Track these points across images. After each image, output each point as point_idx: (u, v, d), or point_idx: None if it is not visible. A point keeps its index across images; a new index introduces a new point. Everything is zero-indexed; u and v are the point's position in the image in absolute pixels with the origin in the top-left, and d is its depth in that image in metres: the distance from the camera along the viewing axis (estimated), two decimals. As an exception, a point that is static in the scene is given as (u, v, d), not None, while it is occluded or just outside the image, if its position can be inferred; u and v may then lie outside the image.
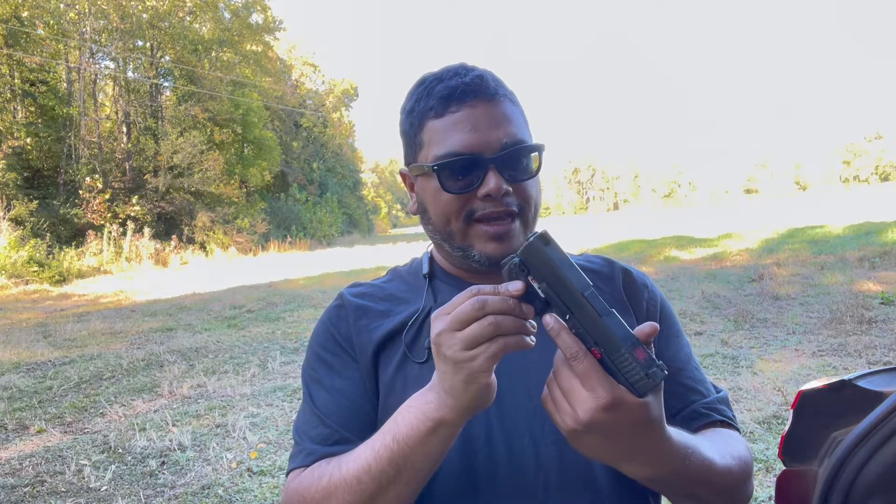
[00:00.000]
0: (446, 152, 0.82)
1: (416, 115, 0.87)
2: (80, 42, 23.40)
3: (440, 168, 0.82)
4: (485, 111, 0.83)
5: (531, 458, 0.80)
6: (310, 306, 9.77)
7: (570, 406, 0.60)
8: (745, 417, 3.84)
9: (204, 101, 26.27)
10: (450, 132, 0.83)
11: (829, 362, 4.89)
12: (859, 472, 0.94)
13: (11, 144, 20.40)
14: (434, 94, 0.85)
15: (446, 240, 0.87)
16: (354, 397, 0.85)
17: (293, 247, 27.69)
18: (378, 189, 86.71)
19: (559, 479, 0.80)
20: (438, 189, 0.84)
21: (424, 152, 0.86)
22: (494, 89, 0.85)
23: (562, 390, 0.61)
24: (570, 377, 0.60)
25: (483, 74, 0.85)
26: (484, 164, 0.81)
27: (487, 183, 0.81)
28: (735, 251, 12.73)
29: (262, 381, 5.50)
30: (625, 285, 0.96)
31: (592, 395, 0.58)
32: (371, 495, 0.70)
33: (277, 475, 3.49)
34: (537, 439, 0.81)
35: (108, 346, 7.44)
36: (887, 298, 6.77)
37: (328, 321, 0.93)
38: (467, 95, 0.83)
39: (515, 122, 0.85)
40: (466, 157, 0.81)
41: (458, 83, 0.83)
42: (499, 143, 0.82)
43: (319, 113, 43.16)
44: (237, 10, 30.64)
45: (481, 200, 0.82)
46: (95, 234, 20.23)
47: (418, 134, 0.87)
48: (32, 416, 4.77)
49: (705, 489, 0.74)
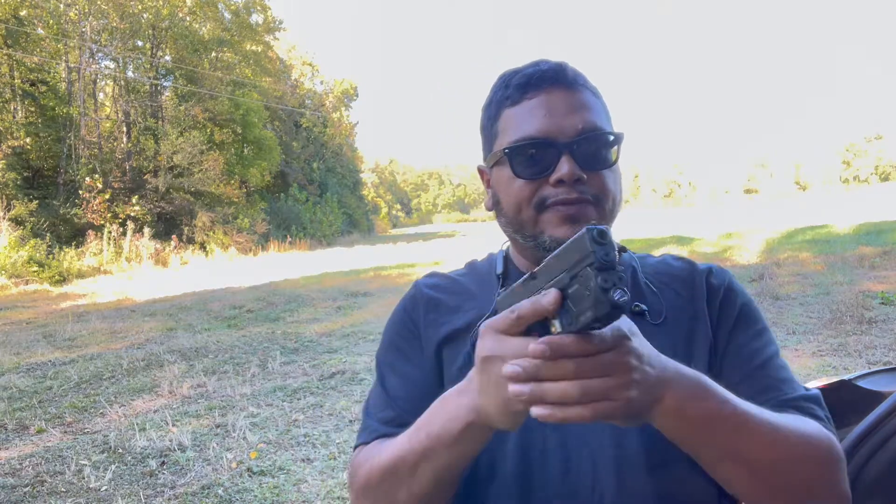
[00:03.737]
0: (519, 137, 0.81)
1: (493, 105, 0.87)
2: (79, 42, 23.40)
3: (512, 152, 0.81)
4: (562, 97, 0.81)
5: (588, 476, 0.77)
6: (310, 306, 9.77)
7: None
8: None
9: (204, 101, 26.26)
10: (525, 118, 0.82)
11: (829, 362, 4.89)
12: (859, 471, 0.94)
13: (11, 144, 20.40)
14: (511, 84, 0.84)
15: (518, 230, 0.84)
16: (422, 384, 0.86)
17: (293, 247, 27.66)
18: (378, 189, 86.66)
19: (615, 500, 0.76)
20: (511, 176, 0.82)
21: (499, 140, 0.85)
22: (574, 78, 0.84)
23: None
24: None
25: (563, 64, 0.85)
26: (558, 149, 0.79)
27: (560, 168, 0.79)
28: (734, 251, 12.73)
29: (262, 381, 5.50)
30: (707, 285, 0.89)
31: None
32: (403, 479, 0.72)
33: (277, 475, 3.49)
34: (595, 453, 0.77)
35: (108, 346, 7.44)
36: (887, 298, 6.77)
37: (403, 310, 0.93)
38: (544, 82, 0.82)
39: (594, 111, 0.83)
40: (540, 141, 0.80)
41: (535, 71, 0.83)
42: (574, 128, 0.80)
43: (319, 113, 43.13)
44: (237, 10, 30.64)
45: (553, 187, 0.80)
46: (95, 234, 20.22)
47: (494, 124, 0.86)
48: (32, 416, 4.76)
49: (746, 447, 0.65)
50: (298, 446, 3.91)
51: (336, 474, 3.46)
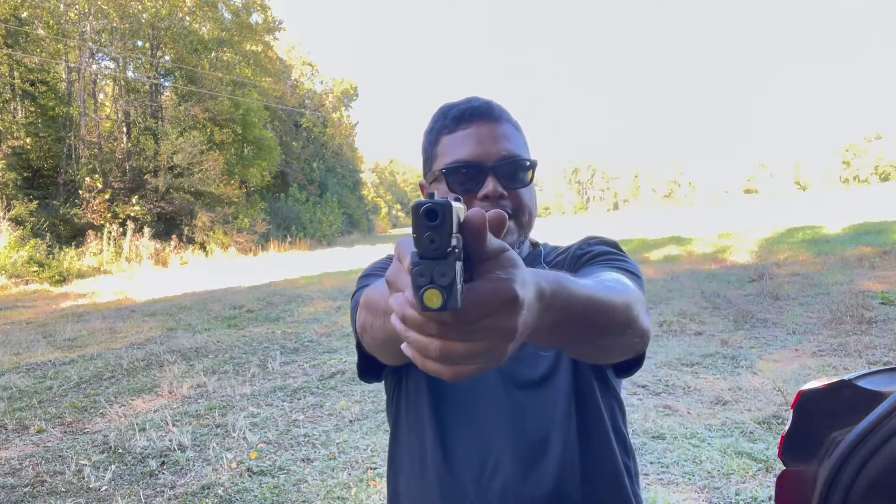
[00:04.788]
0: (454, 160, 1.00)
1: (434, 132, 1.06)
2: (79, 42, 23.40)
3: (448, 172, 1.00)
4: (489, 130, 1.01)
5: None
6: (310, 306, 9.77)
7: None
8: (746, 417, 3.85)
9: (204, 101, 26.26)
10: (459, 144, 1.01)
11: (829, 362, 4.90)
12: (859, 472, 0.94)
13: (11, 144, 20.40)
14: (448, 115, 1.04)
15: None
16: None
17: (293, 247, 27.67)
18: (378, 189, 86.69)
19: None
20: (446, 191, 1.00)
21: (438, 162, 1.04)
22: (499, 114, 1.03)
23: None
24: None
25: (490, 102, 1.04)
26: (485, 171, 0.98)
27: (486, 186, 0.97)
28: (734, 251, 12.73)
29: (262, 381, 5.50)
30: (578, 247, 1.05)
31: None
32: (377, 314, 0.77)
33: (277, 475, 3.49)
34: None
35: (108, 346, 7.44)
36: (887, 298, 6.77)
37: (381, 260, 1.09)
38: (475, 116, 1.01)
39: (514, 141, 1.02)
40: (470, 164, 0.99)
41: (468, 107, 1.02)
42: (498, 155, 0.99)
43: (319, 113, 43.13)
44: (237, 10, 30.64)
45: (480, 201, 0.97)
46: (95, 234, 20.23)
47: (434, 148, 1.06)
48: (32, 416, 4.76)
49: (585, 329, 0.69)
50: (298, 446, 3.91)
51: (336, 474, 3.46)
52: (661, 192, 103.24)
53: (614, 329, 0.74)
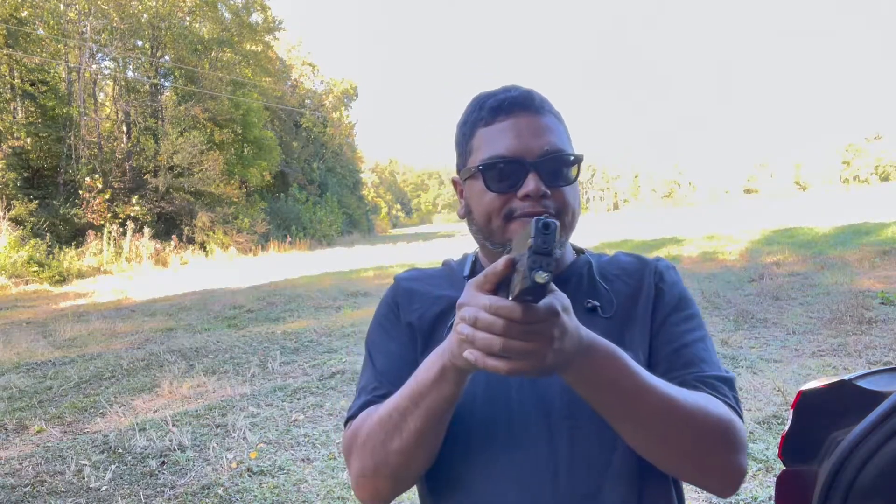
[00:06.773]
0: (491, 155, 0.90)
1: (468, 125, 0.96)
2: (80, 42, 23.40)
3: (485, 168, 0.90)
4: (529, 122, 0.91)
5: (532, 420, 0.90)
6: (310, 306, 9.77)
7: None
8: (746, 417, 3.84)
9: (204, 101, 26.25)
10: (496, 138, 0.91)
11: (829, 362, 4.90)
12: (859, 472, 0.94)
13: (11, 144, 20.40)
14: (485, 106, 0.94)
15: (487, 238, 0.94)
16: (406, 357, 0.95)
17: (293, 247, 27.66)
18: (378, 189, 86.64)
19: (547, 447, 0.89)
20: (483, 189, 0.91)
21: (473, 157, 0.95)
22: (540, 104, 0.93)
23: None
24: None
25: (531, 91, 0.95)
26: (525, 168, 0.89)
27: (527, 184, 0.88)
28: (734, 251, 12.73)
29: (262, 381, 5.50)
30: (652, 276, 0.99)
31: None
32: (396, 426, 0.81)
33: (277, 475, 3.49)
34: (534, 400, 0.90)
35: (108, 346, 7.44)
36: (887, 298, 6.77)
37: (387, 299, 1.04)
38: (514, 107, 0.91)
39: (557, 134, 0.93)
40: (509, 159, 0.89)
41: (506, 96, 0.93)
42: (540, 149, 0.89)
43: (319, 113, 43.13)
44: (237, 10, 30.64)
45: (520, 201, 0.89)
46: (95, 234, 20.23)
47: (469, 141, 0.96)
48: (32, 416, 4.77)
49: (642, 411, 0.75)
50: (298, 446, 3.91)
51: (336, 474, 3.46)
52: (661, 192, 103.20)
53: (683, 441, 0.78)
